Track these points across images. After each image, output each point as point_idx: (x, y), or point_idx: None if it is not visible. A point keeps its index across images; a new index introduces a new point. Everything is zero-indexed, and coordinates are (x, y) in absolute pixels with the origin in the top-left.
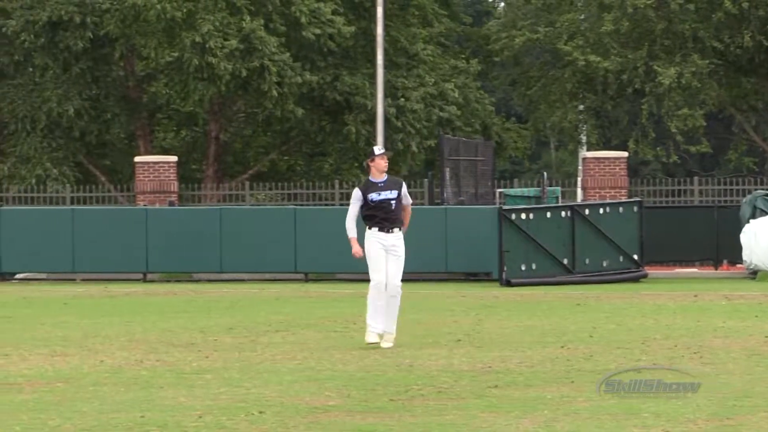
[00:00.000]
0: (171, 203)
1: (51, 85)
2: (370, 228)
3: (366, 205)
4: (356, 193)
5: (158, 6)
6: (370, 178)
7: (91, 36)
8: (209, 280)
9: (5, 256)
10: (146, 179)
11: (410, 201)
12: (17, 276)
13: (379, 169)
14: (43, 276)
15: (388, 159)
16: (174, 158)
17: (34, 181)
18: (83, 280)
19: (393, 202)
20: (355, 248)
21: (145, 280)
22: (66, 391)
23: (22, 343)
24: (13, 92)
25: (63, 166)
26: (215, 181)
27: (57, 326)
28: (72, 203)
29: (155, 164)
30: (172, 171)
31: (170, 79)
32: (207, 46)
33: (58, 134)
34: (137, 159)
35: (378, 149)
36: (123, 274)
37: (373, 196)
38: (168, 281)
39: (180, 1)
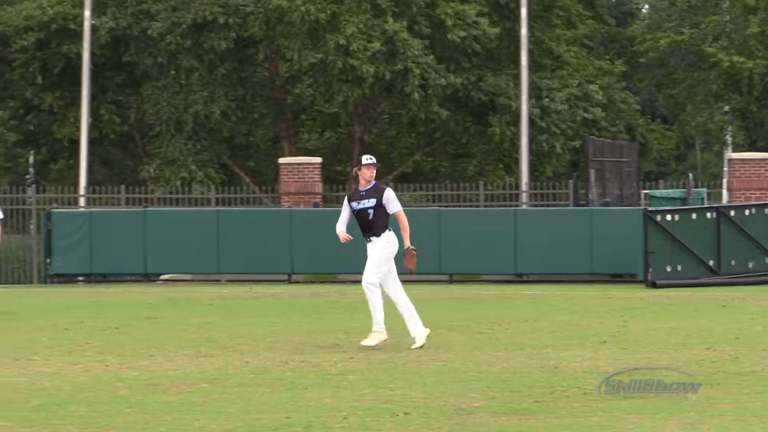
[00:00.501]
0: (315, 204)
1: (197, 87)
2: None
3: (352, 213)
4: (345, 201)
5: (302, 8)
6: (359, 186)
7: (236, 37)
8: (353, 281)
9: (151, 258)
10: (291, 180)
11: (398, 208)
12: (162, 277)
13: (364, 178)
14: (188, 277)
15: (376, 168)
16: (318, 159)
17: (179, 183)
18: (228, 281)
19: (370, 211)
20: (342, 236)
21: (289, 281)
22: (211, 391)
23: (168, 344)
24: (158, 94)
25: (208, 168)
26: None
27: (202, 327)
28: (217, 204)
29: (300, 165)
30: (316, 172)
31: (314, 81)
32: (350, 48)
33: (203, 136)
34: (282, 160)
35: (366, 159)
36: (267, 275)
37: (354, 204)
38: (312, 282)
39: (324, 3)
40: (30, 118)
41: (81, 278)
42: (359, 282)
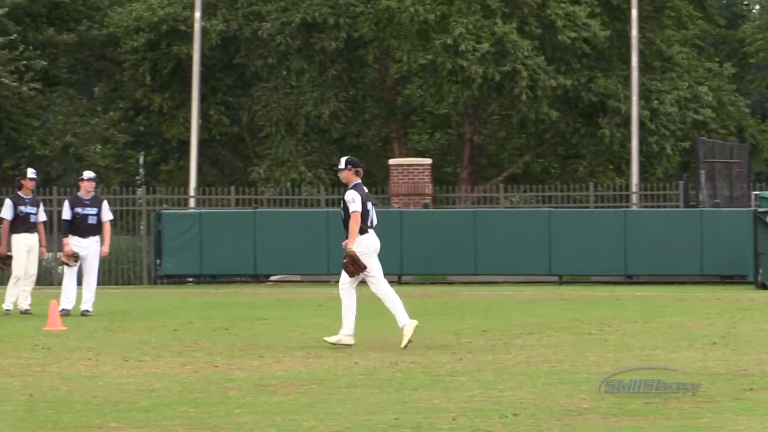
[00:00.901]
0: (425, 205)
1: (307, 88)
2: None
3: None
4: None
5: (411, 9)
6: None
7: (346, 38)
8: (463, 283)
9: (260, 259)
10: (401, 181)
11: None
12: (272, 278)
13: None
14: (298, 278)
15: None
16: (428, 161)
17: (289, 184)
18: (337, 281)
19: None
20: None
21: (399, 282)
22: (320, 392)
23: (277, 345)
24: (268, 95)
25: (318, 169)
26: (469, 184)
27: (311, 328)
28: (326, 206)
29: (410, 166)
30: (426, 173)
31: (424, 82)
32: (459, 48)
33: (313, 137)
34: (392, 161)
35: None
36: None
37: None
38: (422, 283)
39: (433, 4)
40: (140, 119)
41: (191, 279)
42: (469, 283)
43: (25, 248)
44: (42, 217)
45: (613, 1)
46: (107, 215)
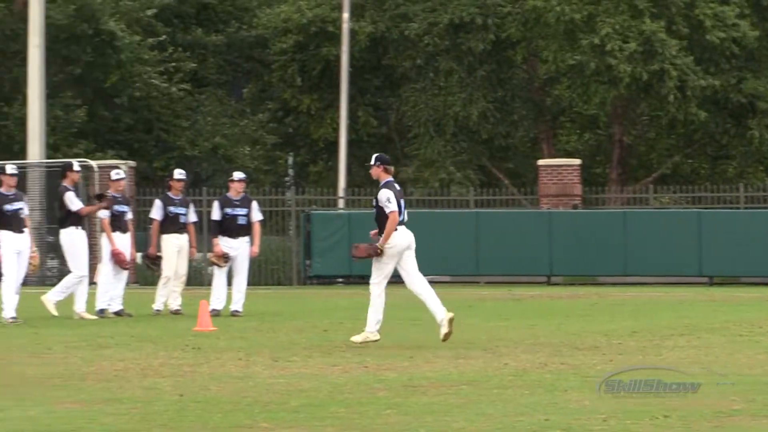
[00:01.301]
0: (575, 206)
1: (456, 89)
2: None
3: None
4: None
5: (557, 8)
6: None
7: (494, 38)
8: (613, 284)
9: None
10: (550, 182)
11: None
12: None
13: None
14: (447, 279)
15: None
16: (578, 161)
17: (437, 184)
18: (487, 282)
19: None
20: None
21: (548, 283)
22: (470, 393)
23: (427, 346)
24: (416, 96)
25: (467, 170)
26: (619, 184)
27: (461, 329)
28: (476, 206)
29: (559, 167)
30: (575, 174)
31: (572, 82)
32: (606, 48)
33: (462, 138)
34: (541, 162)
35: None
36: (527, 276)
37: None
38: (572, 284)
39: (580, 4)
40: (289, 120)
41: (340, 280)
42: (618, 284)
43: (175, 249)
44: (192, 217)
45: (763, 2)
46: (257, 216)
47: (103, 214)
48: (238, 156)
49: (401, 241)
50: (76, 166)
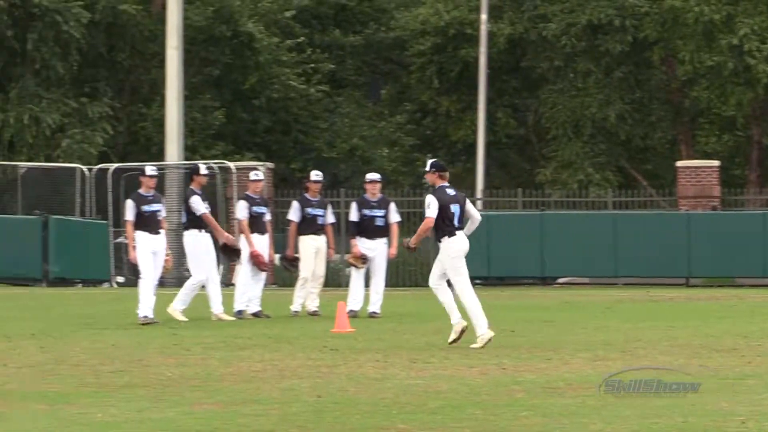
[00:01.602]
0: (713, 208)
1: (593, 90)
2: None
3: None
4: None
5: (696, 9)
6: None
7: (631, 39)
8: (752, 285)
9: (548, 261)
10: (688, 184)
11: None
12: (559, 280)
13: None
14: (585, 280)
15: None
16: (716, 163)
17: (576, 186)
18: (625, 284)
19: None
20: None
21: (687, 285)
22: (608, 395)
23: (564, 347)
24: (554, 98)
25: (605, 171)
26: (758, 186)
27: (599, 330)
28: (614, 208)
29: (698, 169)
30: (714, 176)
31: (710, 83)
32: (744, 48)
33: (600, 139)
34: (679, 164)
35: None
36: (665, 278)
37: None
38: (710, 286)
39: (719, 4)
40: (427, 121)
41: (478, 281)
42: (758, 286)
43: (313, 250)
44: (330, 218)
45: None
46: (395, 217)
47: (242, 215)
48: (376, 157)
49: (460, 246)
50: (203, 170)
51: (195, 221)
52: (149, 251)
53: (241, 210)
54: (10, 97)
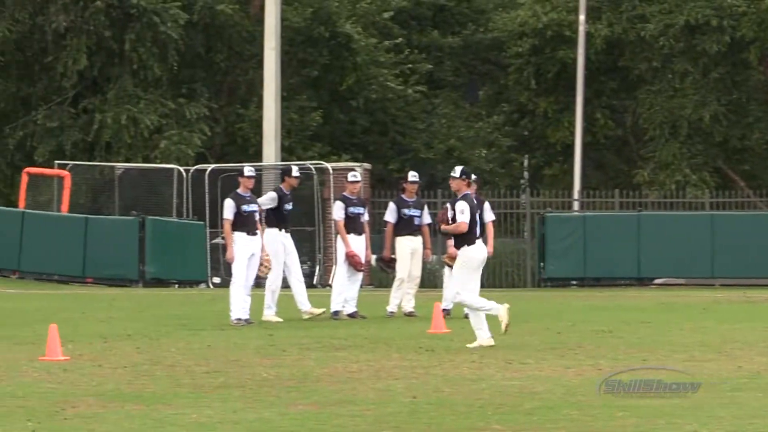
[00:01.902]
0: None
1: (690, 91)
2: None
3: None
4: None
5: None
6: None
7: (729, 39)
8: None
9: (644, 261)
10: None
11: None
12: (656, 281)
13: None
14: (682, 281)
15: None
16: None
17: (673, 186)
18: (722, 285)
19: None
20: None
21: None
22: (703, 396)
23: (660, 348)
24: (652, 98)
25: (702, 172)
26: None
27: (695, 331)
28: (711, 209)
29: None
30: None
31: None
32: None
33: (697, 140)
34: None
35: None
36: (762, 279)
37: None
38: None
39: None
40: (524, 122)
41: (574, 282)
42: None
43: (409, 251)
44: (426, 219)
45: None
46: (489, 216)
47: (338, 216)
48: (473, 158)
49: (477, 254)
50: (295, 172)
51: (274, 220)
52: (246, 253)
53: (338, 211)
54: (108, 98)
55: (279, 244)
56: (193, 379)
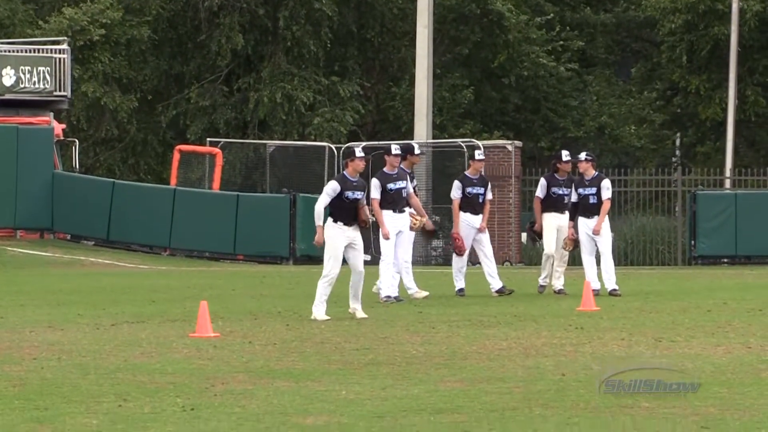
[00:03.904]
0: None
1: None
2: None
3: None
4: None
5: None
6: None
7: None
8: None
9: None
10: None
11: None
12: None
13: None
14: None
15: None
16: None
17: None
18: None
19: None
20: None
21: None
22: None
23: None
24: None
25: None
26: None
27: None
28: None
29: None
30: None
31: None
32: None
33: None
34: None
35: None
36: None
37: None
38: None
39: None
40: (677, 100)
41: (725, 260)
42: None
43: (554, 227)
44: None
45: None
46: (606, 194)
47: (454, 195)
48: (624, 135)
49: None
50: (417, 150)
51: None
52: (394, 230)
53: (455, 190)
54: (262, 76)
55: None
56: (342, 356)
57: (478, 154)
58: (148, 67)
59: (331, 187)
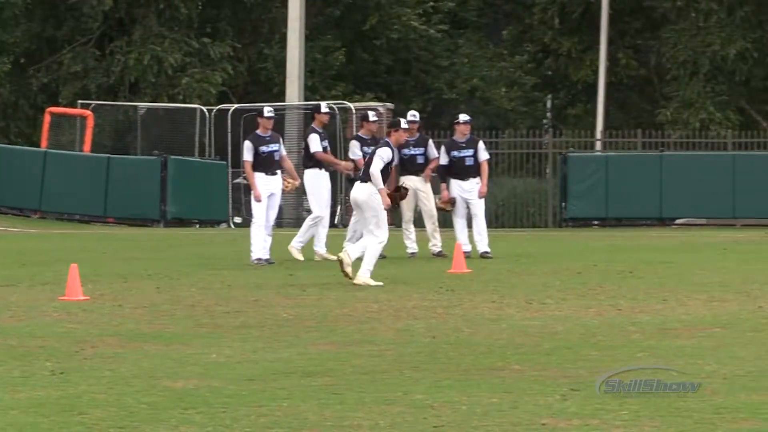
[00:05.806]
0: None
1: (714, 29)
2: None
3: None
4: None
5: None
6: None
7: None
8: None
9: (666, 202)
10: None
11: None
12: (677, 221)
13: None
14: (703, 221)
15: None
16: None
17: (697, 125)
18: (743, 225)
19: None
20: None
21: None
22: (723, 336)
23: (681, 289)
24: (675, 38)
25: (726, 111)
26: None
27: (716, 272)
28: (733, 149)
29: None
30: None
31: None
32: None
33: (721, 80)
34: None
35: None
36: None
37: None
38: None
39: None
40: (548, 62)
41: (596, 222)
42: None
43: (411, 191)
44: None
45: None
46: (484, 155)
47: (355, 156)
48: (496, 98)
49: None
50: (324, 108)
51: (315, 160)
52: (266, 193)
53: (354, 150)
54: (133, 38)
55: (320, 183)
56: (212, 319)
57: (372, 116)
58: (20, 30)
59: (385, 152)
